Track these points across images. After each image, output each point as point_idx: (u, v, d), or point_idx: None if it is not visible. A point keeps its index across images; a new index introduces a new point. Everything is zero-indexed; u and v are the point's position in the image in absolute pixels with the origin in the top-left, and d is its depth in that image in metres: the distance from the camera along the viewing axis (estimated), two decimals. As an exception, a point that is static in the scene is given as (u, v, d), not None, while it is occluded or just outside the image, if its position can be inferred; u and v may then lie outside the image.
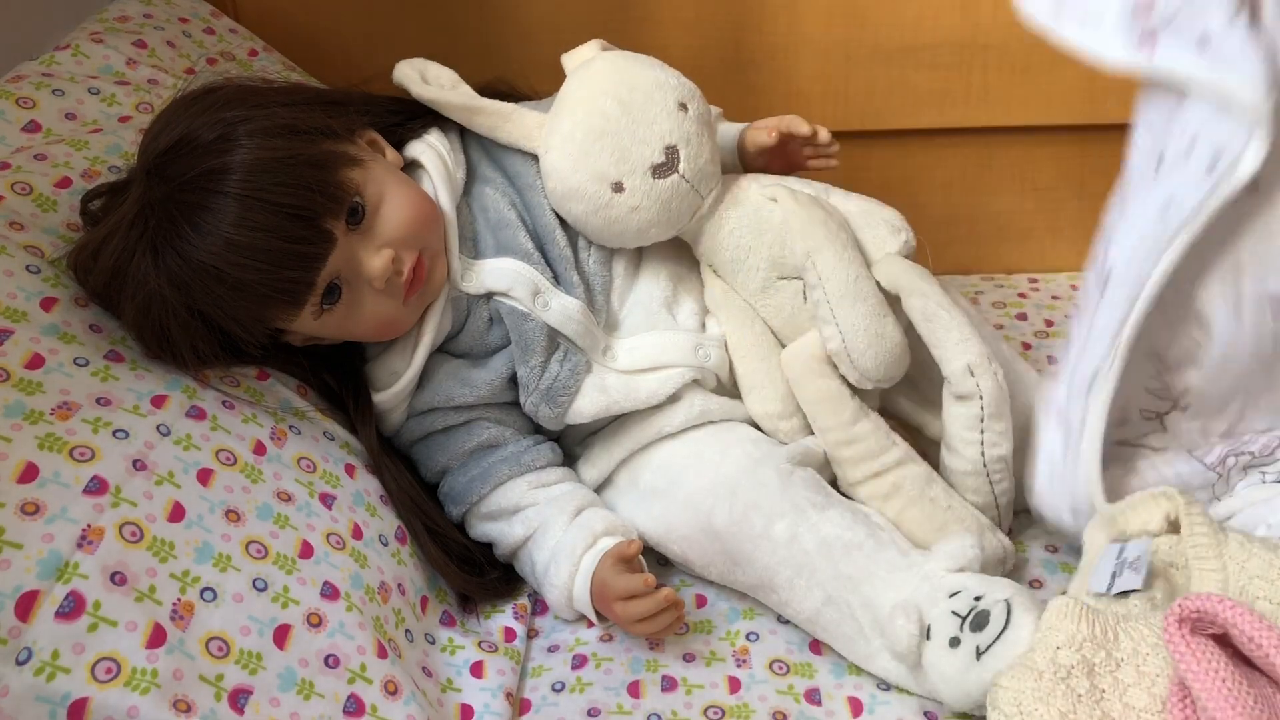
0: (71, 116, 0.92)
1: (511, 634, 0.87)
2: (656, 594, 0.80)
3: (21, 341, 0.74)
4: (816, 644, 0.85)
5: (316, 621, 0.74)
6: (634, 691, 0.81)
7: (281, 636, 0.72)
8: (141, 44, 1.03)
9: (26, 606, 0.63)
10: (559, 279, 0.90)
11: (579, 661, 0.85)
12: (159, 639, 0.66)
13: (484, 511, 0.91)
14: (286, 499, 0.79)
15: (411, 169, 0.91)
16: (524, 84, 0.98)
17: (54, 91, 0.93)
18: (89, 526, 0.67)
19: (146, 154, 0.80)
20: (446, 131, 0.93)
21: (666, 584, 0.86)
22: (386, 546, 0.84)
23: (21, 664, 0.62)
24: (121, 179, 0.84)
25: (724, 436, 0.89)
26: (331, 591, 0.76)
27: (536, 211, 0.91)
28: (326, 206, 0.79)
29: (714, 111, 0.97)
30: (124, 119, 0.94)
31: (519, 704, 0.82)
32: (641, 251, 0.93)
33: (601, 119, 0.85)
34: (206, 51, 1.08)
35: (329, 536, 0.79)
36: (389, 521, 0.86)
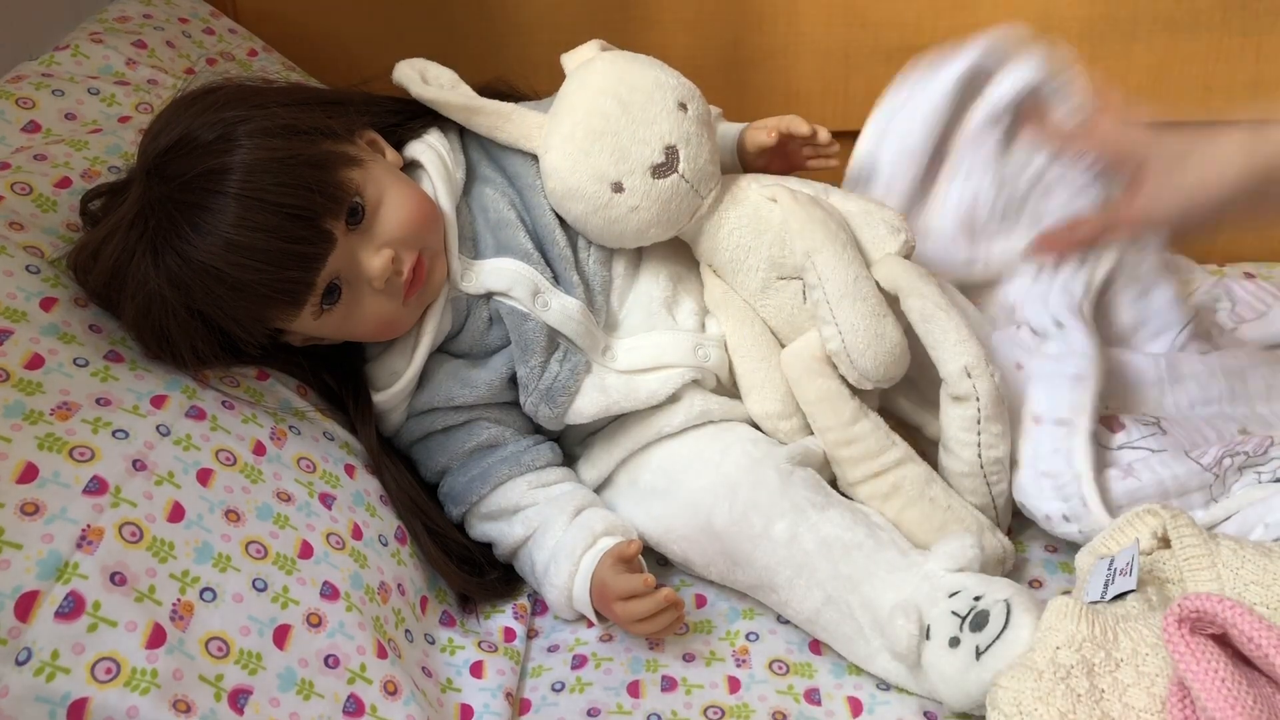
0: (71, 117, 0.92)
1: (511, 634, 0.87)
2: (656, 594, 0.80)
3: (21, 341, 0.74)
4: (816, 644, 0.85)
5: (316, 621, 0.74)
6: (634, 691, 0.81)
7: (281, 636, 0.72)
8: (141, 44, 1.03)
9: (26, 607, 0.63)
10: (559, 279, 0.90)
11: (579, 661, 0.85)
12: (159, 639, 0.66)
13: (484, 511, 0.91)
14: (286, 499, 0.79)
15: (411, 169, 0.91)
16: (524, 84, 0.98)
17: (54, 92, 0.93)
18: (89, 527, 0.67)
19: (146, 154, 0.80)
20: (446, 131, 0.93)
21: (666, 584, 0.86)
22: (386, 546, 0.84)
23: (21, 664, 0.62)
24: (121, 179, 0.84)
25: (724, 436, 0.89)
26: (331, 591, 0.76)
27: (536, 211, 0.90)
28: (326, 206, 0.79)
29: (714, 111, 0.97)
30: (124, 119, 0.94)
31: (519, 704, 0.82)
32: (641, 251, 0.93)
33: (601, 119, 0.85)
34: (206, 51, 1.08)
35: (329, 536, 0.79)
36: (389, 521, 0.86)
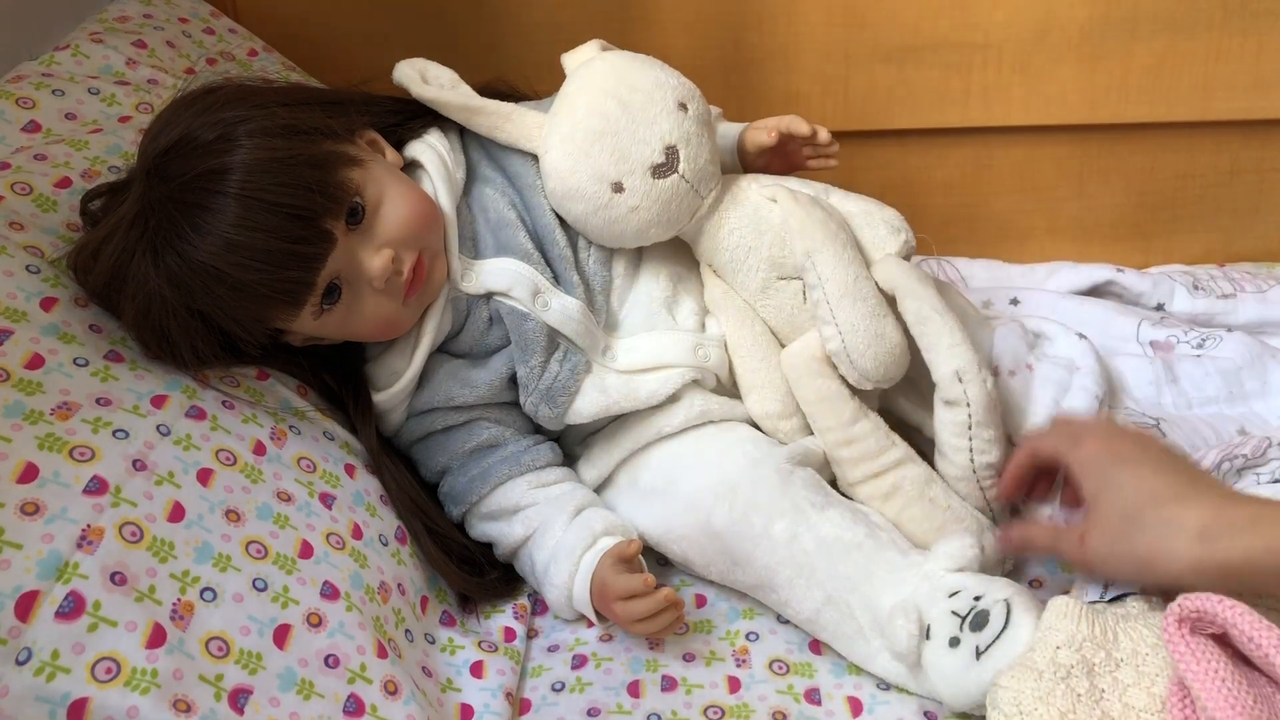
0: (71, 116, 0.92)
1: (511, 634, 0.87)
2: (656, 594, 0.80)
3: (21, 341, 0.74)
4: (816, 644, 0.85)
5: (316, 621, 0.74)
6: (634, 691, 0.81)
7: (281, 636, 0.72)
8: (141, 44, 1.03)
9: (26, 606, 0.63)
10: (559, 279, 0.90)
11: (579, 661, 0.85)
12: (159, 639, 0.66)
13: (484, 511, 0.91)
14: (286, 499, 0.79)
15: (411, 169, 0.91)
16: (524, 84, 0.98)
17: (54, 91, 0.93)
18: (89, 526, 0.67)
19: (146, 154, 0.80)
20: (446, 131, 0.93)
21: (666, 584, 0.86)
22: (386, 546, 0.84)
23: (21, 664, 0.62)
24: (121, 179, 0.84)
25: (724, 436, 0.89)
26: (331, 591, 0.76)
27: (536, 211, 0.90)
28: (326, 206, 0.79)
29: (714, 111, 0.97)
30: (124, 119, 0.94)
31: (519, 704, 0.82)
32: (641, 251, 0.93)
33: (601, 119, 0.85)
34: (206, 51, 1.08)
35: (329, 536, 0.79)
36: (389, 521, 0.86)
